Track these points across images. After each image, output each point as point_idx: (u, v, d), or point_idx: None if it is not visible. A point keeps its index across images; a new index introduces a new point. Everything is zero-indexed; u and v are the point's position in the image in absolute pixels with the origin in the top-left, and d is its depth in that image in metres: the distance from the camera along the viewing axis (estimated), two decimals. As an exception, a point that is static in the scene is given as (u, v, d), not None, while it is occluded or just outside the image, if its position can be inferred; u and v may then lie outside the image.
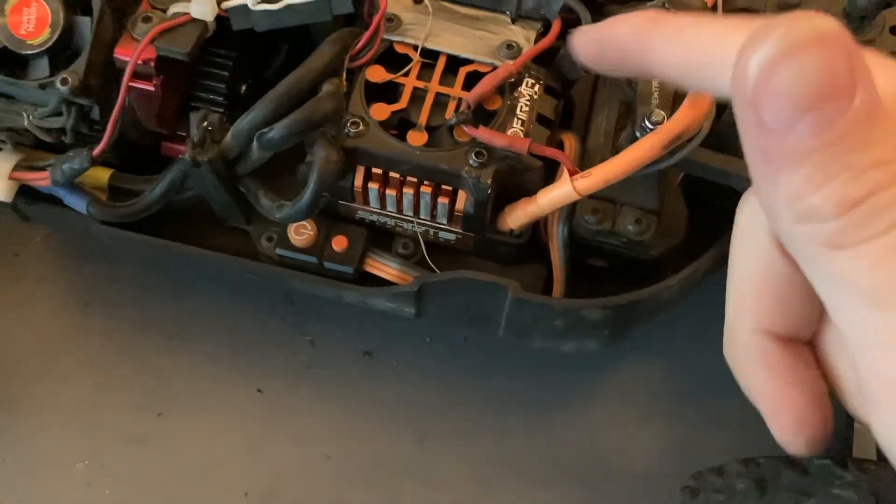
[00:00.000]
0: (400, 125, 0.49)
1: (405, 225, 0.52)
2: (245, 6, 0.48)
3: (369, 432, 0.60)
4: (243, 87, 0.54)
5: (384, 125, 0.48)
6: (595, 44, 0.27)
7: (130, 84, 0.48)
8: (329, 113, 0.46)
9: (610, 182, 0.46)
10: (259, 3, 0.48)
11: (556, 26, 0.50)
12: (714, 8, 0.52)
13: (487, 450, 0.59)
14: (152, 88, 0.49)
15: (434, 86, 0.49)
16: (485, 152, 0.47)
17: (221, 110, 0.52)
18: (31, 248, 0.67)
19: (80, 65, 0.48)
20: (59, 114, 0.50)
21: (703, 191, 0.52)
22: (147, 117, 0.52)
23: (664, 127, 0.45)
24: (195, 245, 0.55)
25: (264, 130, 0.46)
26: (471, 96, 0.47)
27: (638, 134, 0.47)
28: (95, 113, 0.50)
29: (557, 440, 0.59)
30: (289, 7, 0.48)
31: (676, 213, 0.52)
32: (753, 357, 0.25)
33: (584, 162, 0.50)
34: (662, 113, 0.46)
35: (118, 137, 0.50)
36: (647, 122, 0.46)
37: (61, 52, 0.48)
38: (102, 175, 0.54)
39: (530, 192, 0.49)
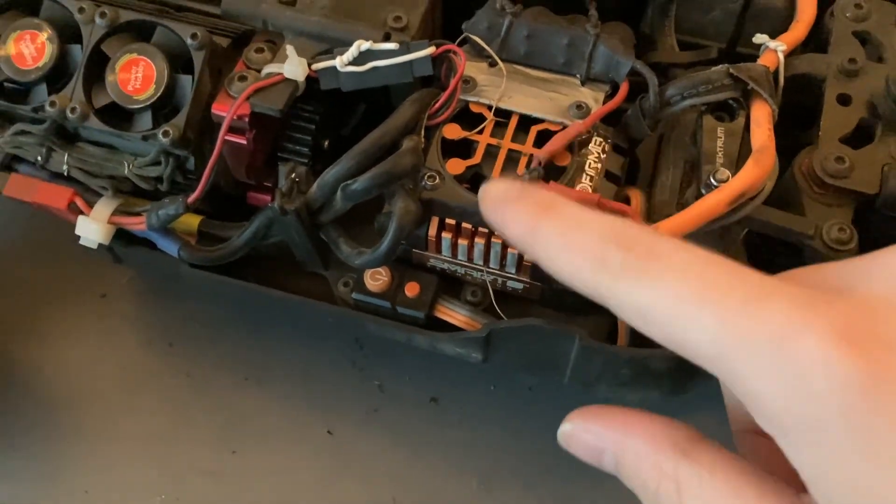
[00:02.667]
0: (473, 179, 0.52)
1: (474, 273, 0.55)
2: (334, 68, 0.52)
3: (434, 476, 0.62)
4: (326, 143, 0.58)
5: (459, 179, 0.51)
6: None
7: (225, 137, 0.52)
8: (408, 167, 0.49)
9: (677, 237, 0.47)
10: (347, 65, 0.51)
11: (623, 89, 0.52)
12: (776, 73, 0.54)
13: (552, 497, 0.60)
14: (245, 142, 0.53)
15: (506, 143, 0.52)
16: (555, 206, 0.49)
17: (306, 162, 0.56)
18: (118, 288, 0.71)
19: (180, 119, 0.52)
20: (158, 163, 0.54)
21: (766, 248, 0.53)
22: (237, 168, 0.56)
23: (729, 184, 0.47)
24: (276, 288, 0.58)
25: (348, 182, 0.49)
26: (542, 153, 0.50)
27: (703, 191, 0.49)
28: (191, 163, 0.55)
29: (621, 489, 0.60)
30: (374, 69, 0.51)
31: (737, 258, 0.54)
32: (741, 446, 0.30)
33: (651, 217, 0.52)
34: (727, 172, 0.48)
35: (210, 186, 0.53)
36: (712, 180, 0.48)
37: (163, 107, 0.52)
38: (193, 221, 0.57)
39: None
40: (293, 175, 0.52)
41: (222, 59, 0.54)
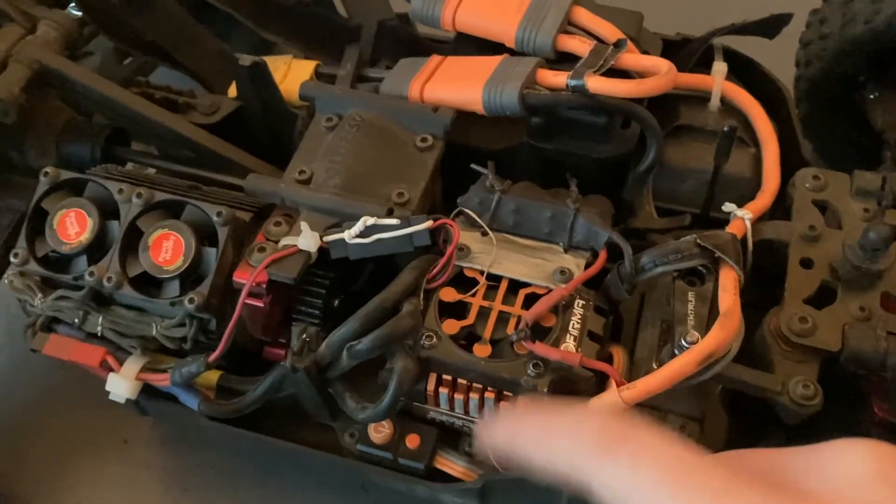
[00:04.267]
0: (468, 338, 0.57)
1: (472, 425, 0.59)
2: (343, 240, 0.58)
3: None
4: (336, 302, 0.63)
5: (454, 338, 0.56)
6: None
7: (244, 301, 0.58)
8: (407, 329, 0.54)
9: (652, 394, 0.52)
10: (354, 237, 0.58)
11: (602, 256, 0.58)
12: (744, 239, 0.60)
13: None
14: (262, 305, 0.59)
15: (497, 305, 0.57)
16: (541, 364, 0.54)
17: (317, 322, 0.61)
18: (139, 435, 0.75)
19: (204, 287, 0.58)
20: (183, 325, 0.60)
21: (742, 400, 0.57)
22: (255, 327, 0.61)
23: (698, 346, 0.51)
24: (287, 438, 0.62)
25: (353, 343, 0.54)
26: (529, 315, 0.55)
27: (676, 351, 0.53)
28: (213, 325, 0.60)
29: None
30: (378, 241, 0.58)
31: (718, 420, 0.58)
32: None
33: (632, 373, 0.57)
34: (696, 334, 0.53)
35: (230, 345, 0.59)
36: (683, 341, 0.53)
37: (190, 276, 0.59)
38: (213, 376, 0.62)
39: (583, 398, 0.55)
40: (304, 336, 0.58)
41: (244, 232, 0.61)
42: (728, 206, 0.62)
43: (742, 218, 0.61)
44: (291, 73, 0.74)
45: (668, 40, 0.70)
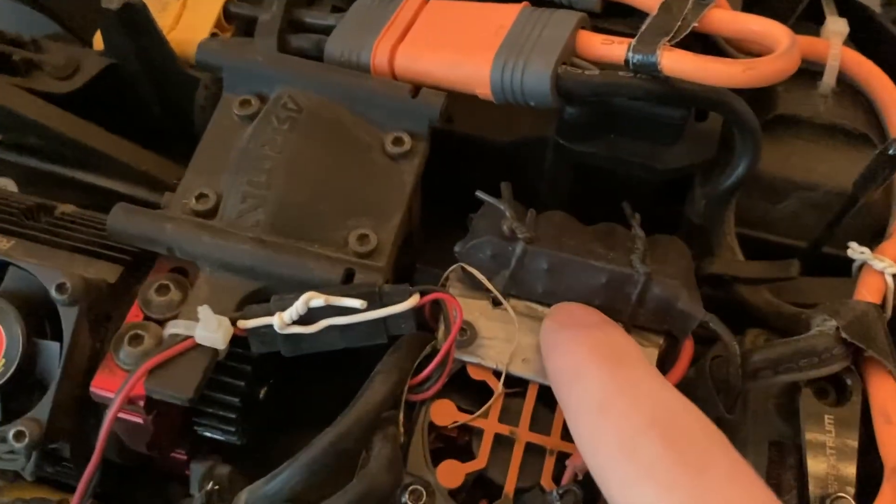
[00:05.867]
0: (477, 488, 0.36)
1: None
2: (271, 328, 0.35)
3: None
4: (262, 391, 0.41)
5: (456, 494, 0.35)
6: None
7: (115, 418, 0.36)
8: (385, 493, 0.33)
9: None
10: (289, 324, 0.35)
11: (687, 351, 0.37)
12: (883, 303, 0.40)
13: None
14: (142, 422, 0.37)
15: (523, 432, 0.36)
16: (599, 541, 0.33)
17: (233, 431, 0.40)
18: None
19: (42, 410, 0.35)
20: (15, 453, 0.37)
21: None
22: (135, 444, 0.39)
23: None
24: None
25: (293, 514, 0.33)
26: (579, 460, 0.34)
27: (815, 522, 0.33)
28: (66, 451, 0.38)
29: None
30: (331, 329, 0.35)
31: None
32: None
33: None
34: (850, 500, 0.33)
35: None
36: (830, 513, 0.33)
37: (17, 389, 0.36)
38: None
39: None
40: (210, 483, 0.36)
41: (110, 301, 0.37)
42: (857, 251, 0.41)
43: (881, 272, 0.41)
44: (188, 15, 0.49)
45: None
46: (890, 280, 0.40)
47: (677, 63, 0.37)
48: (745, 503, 0.28)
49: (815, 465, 0.35)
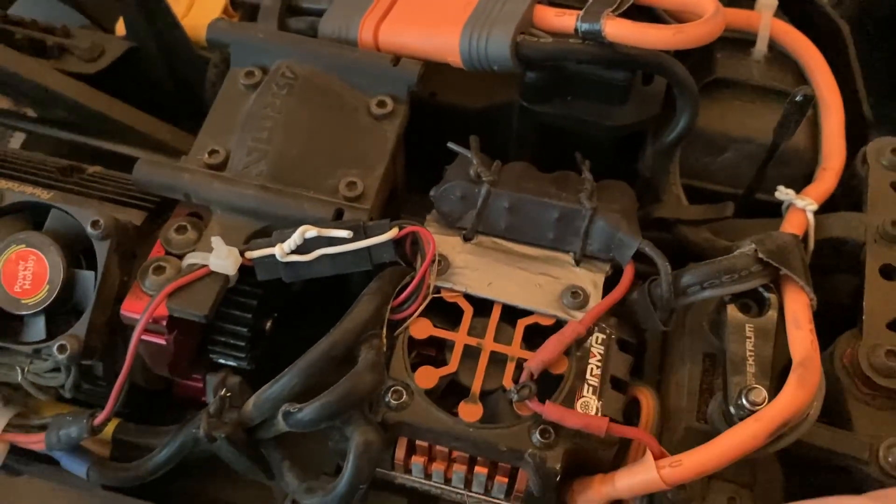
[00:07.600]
0: (450, 390, 0.42)
1: (454, 495, 0.45)
2: (273, 257, 0.42)
3: None
4: (268, 324, 0.47)
5: (431, 393, 0.41)
6: None
7: (140, 339, 0.42)
8: (368, 391, 0.39)
9: (705, 475, 0.38)
10: (289, 254, 0.41)
11: (628, 272, 0.43)
12: (805, 237, 0.46)
13: None
14: (164, 343, 0.43)
15: (489, 343, 0.42)
16: (551, 430, 0.39)
17: (243, 356, 0.46)
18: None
19: (80, 328, 0.41)
20: (57, 370, 0.43)
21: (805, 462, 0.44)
22: (158, 366, 0.45)
23: (768, 412, 0.38)
24: (211, 501, 0.47)
25: (292, 410, 0.39)
26: (533, 363, 0.40)
27: (732, 411, 0.39)
28: (99, 369, 0.44)
29: None
30: (324, 258, 0.42)
31: (772, 484, 0.44)
32: None
33: (666, 425, 0.43)
34: (763, 392, 0.39)
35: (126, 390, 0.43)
36: (744, 401, 0.39)
37: (60, 311, 0.42)
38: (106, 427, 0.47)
39: (602, 466, 0.42)
40: (223, 391, 0.42)
41: (135, 240, 0.44)
42: (783, 193, 0.48)
43: (803, 209, 0.47)
44: (199, 3, 0.56)
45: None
46: (810, 216, 0.46)
47: (618, 29, 0.43)
48: None
49: (737, 377, 0.41)
